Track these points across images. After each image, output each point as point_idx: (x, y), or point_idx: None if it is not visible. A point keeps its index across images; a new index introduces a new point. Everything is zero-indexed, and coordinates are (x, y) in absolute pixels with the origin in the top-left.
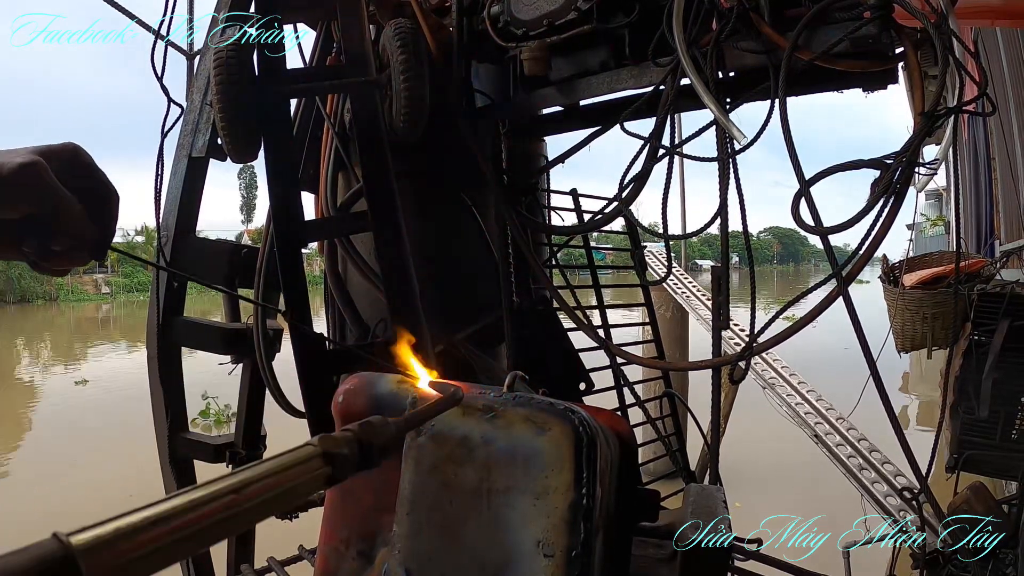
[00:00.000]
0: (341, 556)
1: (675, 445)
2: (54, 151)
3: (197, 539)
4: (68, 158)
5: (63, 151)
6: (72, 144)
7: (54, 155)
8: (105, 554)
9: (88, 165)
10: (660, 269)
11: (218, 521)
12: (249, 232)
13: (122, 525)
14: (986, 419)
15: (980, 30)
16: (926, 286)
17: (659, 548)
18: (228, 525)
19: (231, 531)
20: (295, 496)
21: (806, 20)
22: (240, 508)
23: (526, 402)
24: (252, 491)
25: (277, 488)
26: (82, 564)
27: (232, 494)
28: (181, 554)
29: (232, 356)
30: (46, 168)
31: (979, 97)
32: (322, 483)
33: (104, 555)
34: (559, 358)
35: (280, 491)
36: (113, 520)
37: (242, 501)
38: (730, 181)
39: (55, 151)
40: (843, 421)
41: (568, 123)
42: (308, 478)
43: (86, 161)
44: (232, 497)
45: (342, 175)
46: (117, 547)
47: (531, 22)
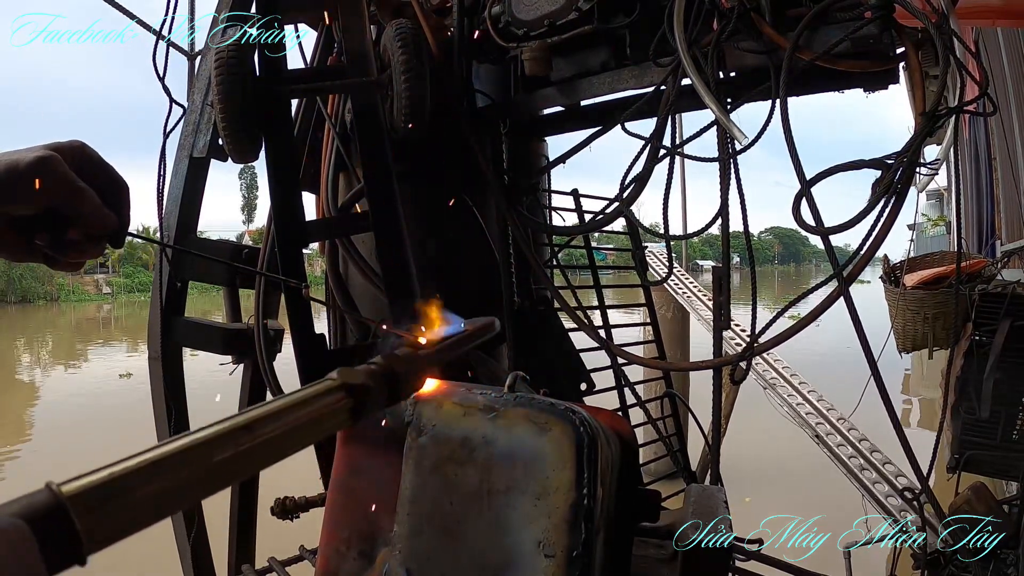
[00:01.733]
0: (342, 556)
1: (676, 445)
2: (63, 147)
3: (203, 484)
4: (77, 154)
5: (72, 147)
6: (79, 141)
7: (64, 151)
8: (99, 503)
9: (97, 159)
10: (661, 269)
11: (225, 463)
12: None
13: (117, 472)
14: (987, 419)
15: (981, 30)
16: (927, 286)
17: (660, 548)
18: (236, 468)
19: (239, 475)
20: (314, 434)
21: (807, 20)
22: (250, 448)
23: (527, 402)
24: (266, 430)
25: (293, 426)
26: (74, 514)
27: (243, 432)
28: (185, 501)
29: (233, 356)
30: (60, 160)
31: (980, 97)
32: (346, 418)
33: (98, 504)
34: (560, 358)
35: (296, 428)
36: (107, 467)
37: (252, 440)
38: (731, 181)
39: (64, 147)
40: (844, 421)
41: (569, 123)
42: (328, 413)
43: (94, 156)
44: (242, 437)
45: (343, 175)
46: (112, 496)
47: (532, 22)
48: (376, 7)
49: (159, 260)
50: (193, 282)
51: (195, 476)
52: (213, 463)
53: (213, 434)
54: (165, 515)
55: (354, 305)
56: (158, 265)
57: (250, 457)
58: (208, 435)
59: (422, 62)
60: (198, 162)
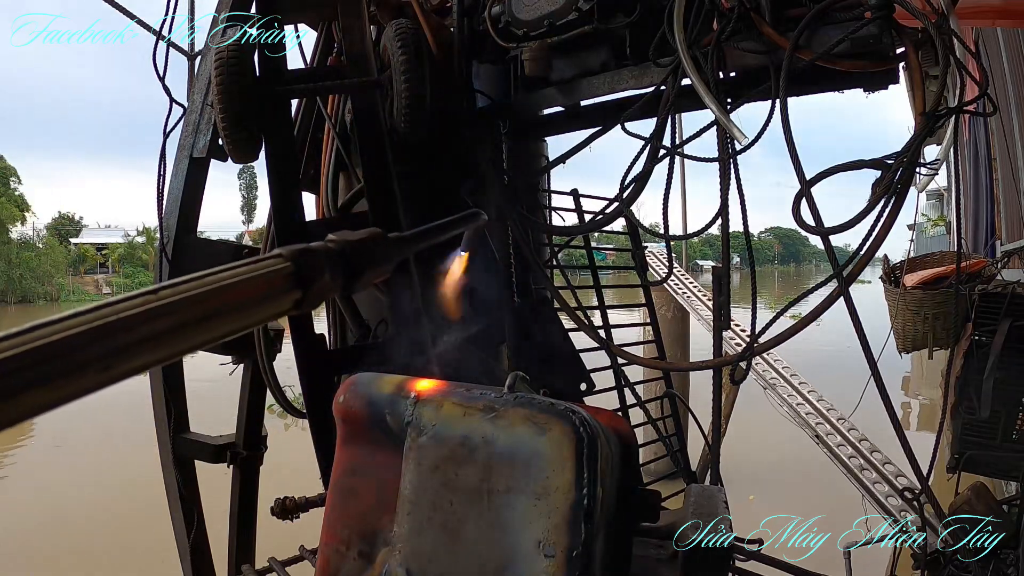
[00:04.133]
0: (342, 556)
1: (676, 445)
2: None
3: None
4: None
5: None
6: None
7: None
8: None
9: None
10: (661, 269)
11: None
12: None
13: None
14: (987, 419)
15: (981, 30)
16: (927, 286)
17: (660, 548)
18: (149, 346)
19: (156, 354)
20: (252, 317)
21: (807, 20)
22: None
23: (527, 402)
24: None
25: (225, 305)
26: None
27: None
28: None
29: (233, 356)
30: None
31: (980, 97)
32: (289, 284)
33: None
34: (560, 358)
35: (231, 308)
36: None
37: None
38: (731, 181)
39: None
40: (844, 421)
41: (569, 123)
42: (269, 277)
43: None
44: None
45: (343, 175)
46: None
47: (532, 22)
48: (376, 7)
49: (159, 260)
50: None
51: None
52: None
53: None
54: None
55: (354, 305)
56: (158, 265)
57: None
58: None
59: (422, 62)
60: (198, 162)
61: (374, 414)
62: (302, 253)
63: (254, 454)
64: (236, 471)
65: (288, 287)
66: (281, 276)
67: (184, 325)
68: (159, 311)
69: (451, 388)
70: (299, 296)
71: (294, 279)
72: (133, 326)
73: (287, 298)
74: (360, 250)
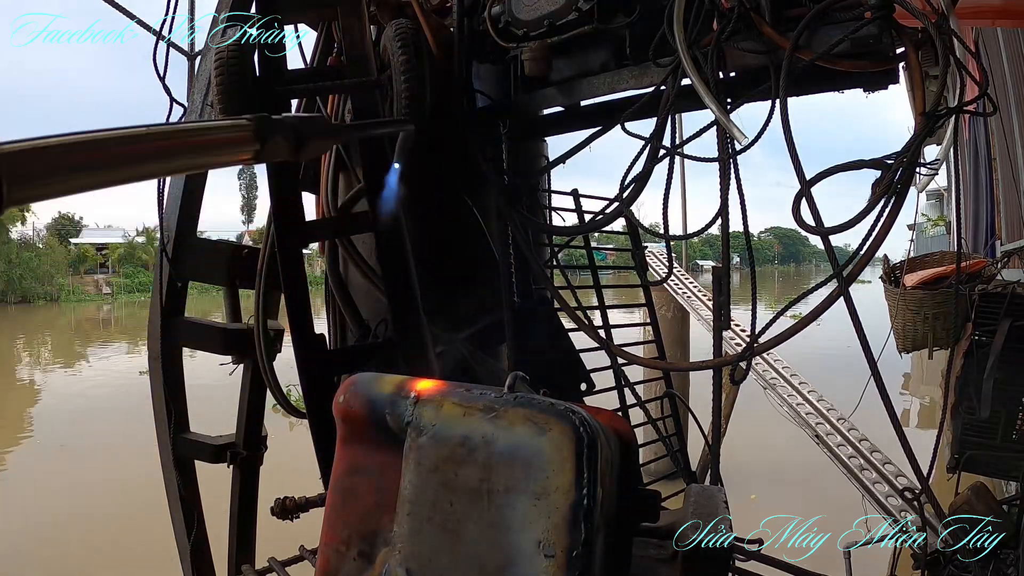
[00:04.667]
0: (342, 556)
1: (676, 445)
2: None
3: (126, 167)
4: None
5: None
6: None
7: None
8: (26, 161)
9: None
10: (661, 269)
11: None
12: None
13: (52, 143)
14: (987, 419)
15: (981, 30)
16: (927, 286)
17: (660, 548)
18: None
19: (152, 171)
20: (218, 158)
21: (807, 20)
22: (169, 151)
23: (527, 402)
24: (183, 140)
25: (205, 145)
26: (3, 167)
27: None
28: (106, 181)
29: (233, 356)
30: None
31: (980, 97)
32: (250, 157)
33: (25, 162)
34: (560, 358)
35: (206, 149)
36: (42, 138)
37: (171, 147)
38: (731, 181)
39: None
40: (844, 421)
41: (569, 123)
42: (235, 142)
43: None
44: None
45: (343, 175)
46: (40, 158)
47: (532, 22)
48: (376, 7)
49: (159, 260)
50: (193, 282)
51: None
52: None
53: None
54: (82, 188)
55: (354, 305)
56: (158, 265)
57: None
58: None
59: (422, 62)
60: None
61: (374, 414)
62: (262, 118)
63: (254, 454)
64: (236, 471)
65: (250, 139)
66: (246, 130)
67: (169, 151)
68: (152, 136)
69: (451, 388)
70: (258, 148)
71: (254, 134)
72: (133, 142)
73: (249, 147)
74: (307, 123)
